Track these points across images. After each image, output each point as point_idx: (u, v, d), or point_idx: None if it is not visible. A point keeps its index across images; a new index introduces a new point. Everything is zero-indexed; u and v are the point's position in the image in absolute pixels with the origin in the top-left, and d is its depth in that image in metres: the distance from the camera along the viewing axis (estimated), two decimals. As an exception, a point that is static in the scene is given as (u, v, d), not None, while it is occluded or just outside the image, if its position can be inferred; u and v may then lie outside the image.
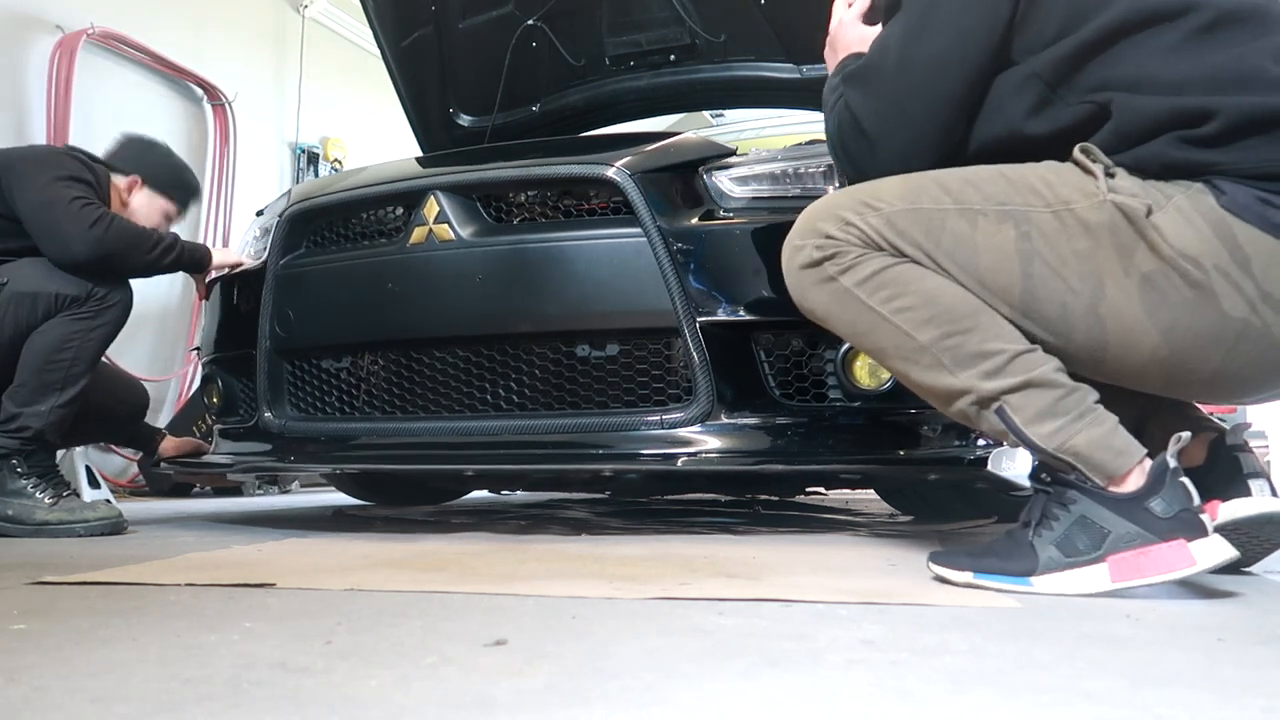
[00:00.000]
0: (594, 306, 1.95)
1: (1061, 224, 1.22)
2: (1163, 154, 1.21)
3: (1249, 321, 1.19)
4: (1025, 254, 1.23)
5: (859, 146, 1.38)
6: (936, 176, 1.30)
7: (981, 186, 1.27)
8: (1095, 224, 1.21)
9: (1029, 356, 1.23)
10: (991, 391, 1.23)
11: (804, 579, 1.33)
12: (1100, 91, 1.25)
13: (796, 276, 1.35)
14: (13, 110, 3.90)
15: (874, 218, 1.28)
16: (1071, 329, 1.23)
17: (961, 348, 1.24)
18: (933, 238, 1.26)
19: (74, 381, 2.14)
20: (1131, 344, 1.22)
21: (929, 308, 1.25)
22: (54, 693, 0.72)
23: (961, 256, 1.25)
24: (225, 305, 2.45)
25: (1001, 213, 1.24)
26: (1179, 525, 1.17)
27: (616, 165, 1.96)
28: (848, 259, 1.29)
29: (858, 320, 1.30)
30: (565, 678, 0.77)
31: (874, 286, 1.28)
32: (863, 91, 1.37)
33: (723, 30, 2.86)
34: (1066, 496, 1.23)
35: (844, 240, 1.29)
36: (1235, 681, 0.79)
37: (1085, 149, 1.24)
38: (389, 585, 1.26)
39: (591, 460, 1.95)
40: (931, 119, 1.33)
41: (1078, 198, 1.22)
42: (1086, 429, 1.21)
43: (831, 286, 1.31)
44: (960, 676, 0.78)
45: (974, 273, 1.25)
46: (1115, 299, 1.21)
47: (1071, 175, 1.25)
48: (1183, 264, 1.18)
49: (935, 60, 1.31)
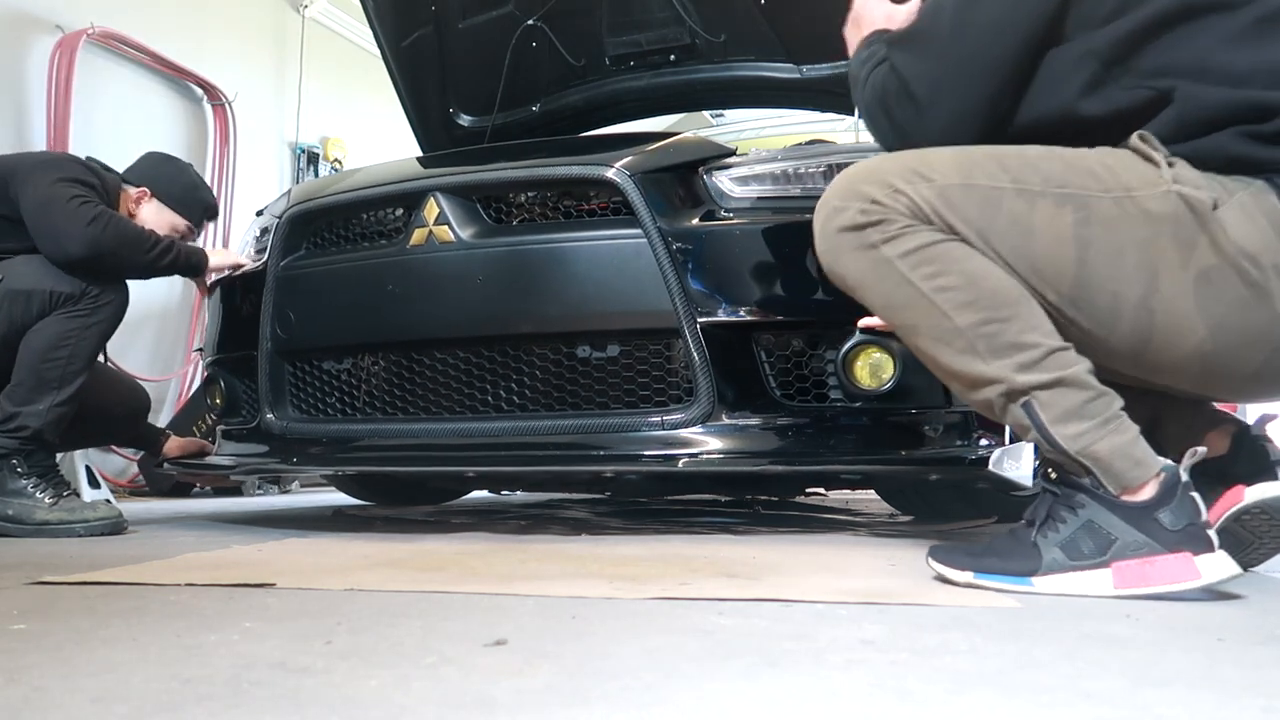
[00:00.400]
0: (594, 307, 1.95)
1: (1122, 211, 1.18)
2: (1226, 148, 1.18)
3: None
4: (1082, 240, 1.19)
5: (905, 111, 1.33)
6: (992, 153, 1.25)
7: (1040, 166, 1.22)
8: (1157, 213, 1.17)
9: (1064, 354, 1.21)
10: (1024, 385, 1.20)
11: (804, 579, 1.33)
12: (1162, 77, 1.21)
13: (834, 239, 1.29)
14: (13, 110, 3.90)
15: (926, 189, 1.23)
16: (1118, 319, 1.21)
17: (999, 335, 1.21)
18: (987, 217, 1.22)
19: (71, 379, 2.14)
20: (1176, 339, 1.20)
21: (971, 290, 1.21)
22: (54, 693, 0.72)
23: (1016, 239, 1.21)
24: (227, 306, 2.45)
25: (1062, 195, 1.20)
26: (1186, 538, 1.17)
27: (616, 166, 1.96)
28: (894, 228, 1.24)
29: (894, 293, 1.26)
30: (565, 678, 0.77)
31: (918, 260, 1.23)
32: (914, 54, 1.33)
33: (723, 30, 2.86)
34: (1075, 500, 1.22)
35: (891, 208, 1.24)
36: (1235, 681, 0.79)
37: (1144, 136, 1.21)
38: (389, 585, 1.26)
39: (592, 461, 1.95)
40: (984, 86, 1.29)
41: (1140, 185, 1.18)
42: (1110, 436, 1.20)
43: (871, 255, 1.25)
44: (960, 676, 0.78)
45: (1027, 256, 1.21)
46: (1168, 292, 1.18)
47: (1132, 161, 1.21)
48: (1242, 261, 1.16)
49: (992, 25, 1.27)
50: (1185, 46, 1.21)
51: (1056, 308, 1.23)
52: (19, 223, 2.16)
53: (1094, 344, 1.24)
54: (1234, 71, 1.19)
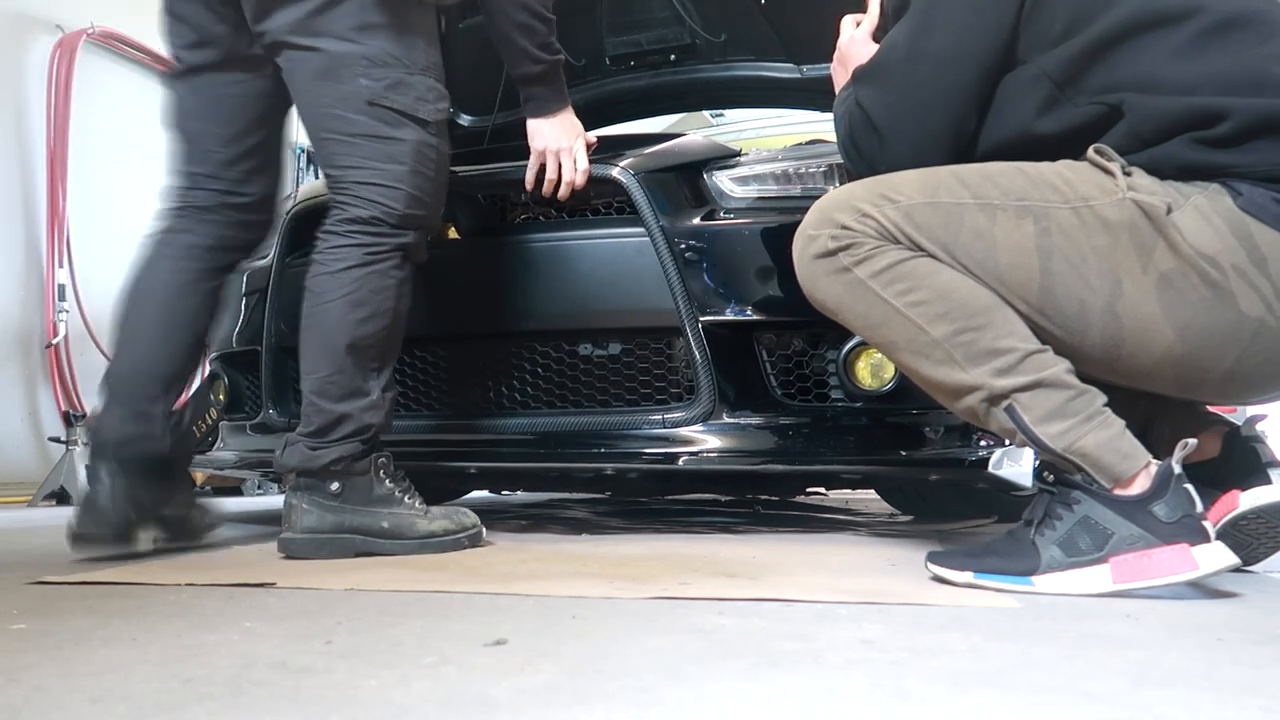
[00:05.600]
0: (596, 306, 1.95)
1: (1081, 220, 1.22)
2: (1178, 155, 1.21)
3: (1265, 321, 1.19)
4: (1044, 250, 1.22)
5: (869, 142, 1.38)
6: (954, 171, 1.29)
7: (1000, 182, 1.26)
8: (1115, 221, 1.21)
9: (1041, 356, 1.23)
10: (1003, 389, 1.23)
11: (804, 579, 1.33)
12: (1111, 93, 1.25)
13: (809, 266, 1.34)
14: (12, 110, 3.91)
15: (891, 210, 1.27)
16: (1088, 326, 1.23)
17: (974, 344, 1.24)
18: (951, 232, 1.25)
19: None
20: (1147, 342, 1.22)
21: (943, 302, 1.25)
22: (54, 693, 0.72)
23: (980, 252, 1.25)
24: (232, 302, 2.45)
25: (1021, 208, 1.24)
26: (1182, 530, 1.18)
27: (620, 165, 1.96)
28: (863, 250, 1.28)
29: (870, 312, 1.29)
30: (565, 678, 0.77)
31: (889, 279, 1.27)
32: (872, 87, 1.38)
33: (723, 30, 2.85)
34: (1070, 497, 1.23)
35: (860, 231, 1.28)
36: (1235, 681, 0.79)
37: (1100, 149, 1.25)
38: (389, 585, 1.26)
39: (593, 459, 1.95)
40: (942, 112, 1.33)
41: (1097, 194, 1.22)
42: (1095, 431, 1.21)
43: (845, 278, 1.30)
44: (960, 676, 0.78)
45: (992, 268, 1.24)
46: (1133, 296, 1.21)
47: (1089, 173, 1.24)
48: (1201, 263, 1.18)
49: (944, 53, 1.32)
50: (1132, 62, 1.24)
51: (1028, 317, 1.25)
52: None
53: (1068, 352, 1.26)
54: (1181, 82, 1.22)
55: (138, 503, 1.58)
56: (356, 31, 1.57)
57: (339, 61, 1.58)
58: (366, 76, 1.58)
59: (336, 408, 1.59)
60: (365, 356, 1.62)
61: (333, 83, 1.59)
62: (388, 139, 1.61)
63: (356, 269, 1.60)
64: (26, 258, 3.94)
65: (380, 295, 1.62)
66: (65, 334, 3.97)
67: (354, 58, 1.58)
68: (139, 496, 1.58)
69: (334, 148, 1.63)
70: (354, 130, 1.60)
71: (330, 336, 1.60)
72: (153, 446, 1.62)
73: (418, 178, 1.64)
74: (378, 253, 1.62)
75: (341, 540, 1.58)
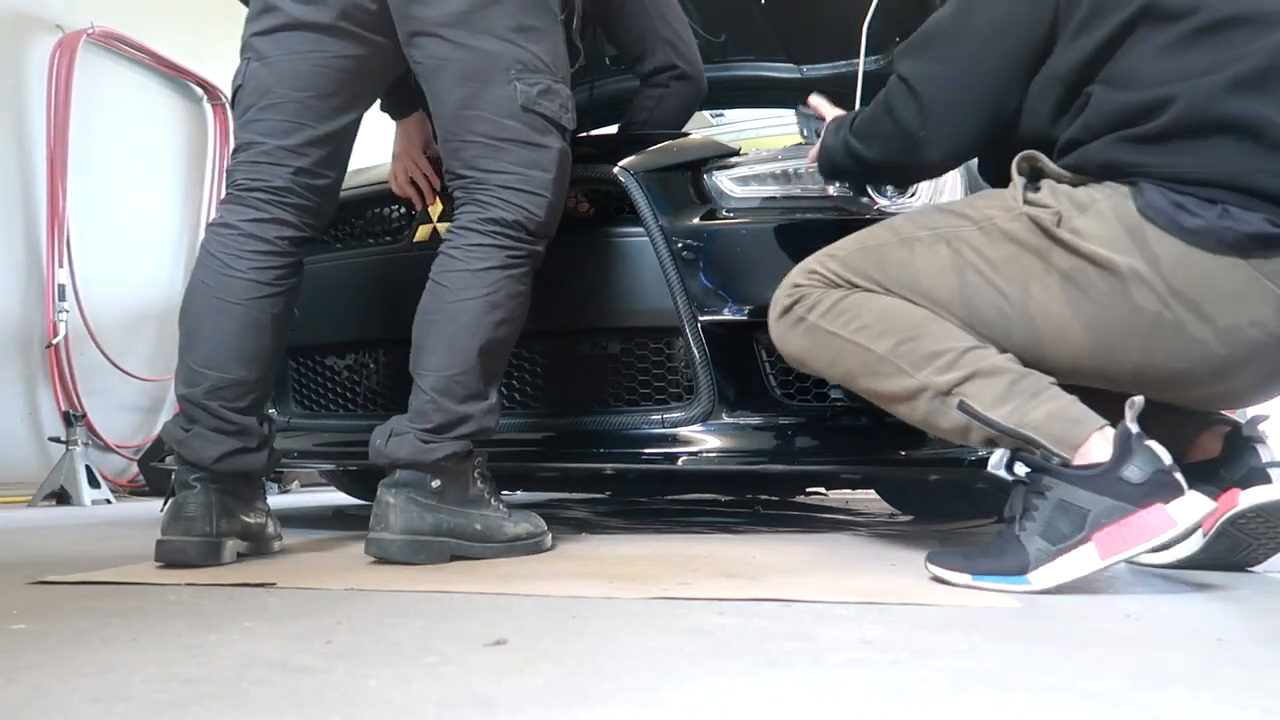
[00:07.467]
0: (596, 305, 1.95)
1: (987, 236, 1.34)
2: (1099, 154, 1.29)
3: (1161, 315, 1.24)
4: (959, 267, 1.35)
5: (908, 113, 1.42)
6: (886, 223, 1.45)
7: (918, 220, 1.42)
8: (1014, 232, 1.32)
9: (978, 351, 1.32)
10: (946, 384, 1.31)
11: (804, 579, 1.33)
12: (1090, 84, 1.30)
13: (776, 326, 1.50)
14: (12, 110, 3.91)
15: (831, 262, 1.43)
16: (1010, 330, 1.32)
17: (915, 351, 1.34)
18: (880, 267, 1.39)
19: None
20: (1061, 339, 1.30)
21: (882, 322, 1.37)
22: (54, 693, 0.72)
23: (907, 278, 1.37)
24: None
25: (935, 235, 1.38)
26: (1154, 489, 1.19)
27: (620, 165, 1.96)
28: (811, 298, 1.44)
29: (826, 349, 1.43)
30: (565, 677, 0.77)
31: (834, 314, 1.41)
32: (916, 59, 1.43)
33: (723, 30, 2.86)
34: (1043, 484, 1.25)
35: (808, 285, 1.45)
36: (1235, 681, 0.79)
37: (1027, 156, 1.33)
38: (389, 585, 1.26)
39: (593, 458, 1.96)
40: (984, 87, 1.39)
41: (999, 212, 1.34)
42: (1043, 404, 1.27)
43: (803, 326, 1.45)
44: (960, 676, 0.78)
45: (919, 290, 1.36)
46: (1041, 297, 1.30)
47: (998, 195, 1.37)
48: (1098, 262, 1.25)
49: (990, 26, 1.38)
50: (1125, 58, 1.27)
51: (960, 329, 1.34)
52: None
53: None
54: (1151, 77, 1.25)
55: (227, 510, 1.52)
56: (514, 32, 1.53)
57: (493, 62, 1.52)
58: (521, 80, 1.54)
59: (460, 409, 1.54)
60: (492, 359, 1.57)
61: (483, 84, 1.53)
62: (536, 146, 1.57)
63: (497, 270, 1.55)
64: (26, 257, 3.94)
65: (514, 301, 1.58)
66: (65, 334, 3.97)
67: (509, 60, 1.53)
68: (228, 504, 1.53)
69: (478, 150, 1.56)
70: (503, 135, 1.55)
71: (462, 334, 1.54)
72: (251, 462, 1.57)
73: (559, 186, 1.61)
74: (516, 257, 1.57)
75: (438, 544, 1.52)
